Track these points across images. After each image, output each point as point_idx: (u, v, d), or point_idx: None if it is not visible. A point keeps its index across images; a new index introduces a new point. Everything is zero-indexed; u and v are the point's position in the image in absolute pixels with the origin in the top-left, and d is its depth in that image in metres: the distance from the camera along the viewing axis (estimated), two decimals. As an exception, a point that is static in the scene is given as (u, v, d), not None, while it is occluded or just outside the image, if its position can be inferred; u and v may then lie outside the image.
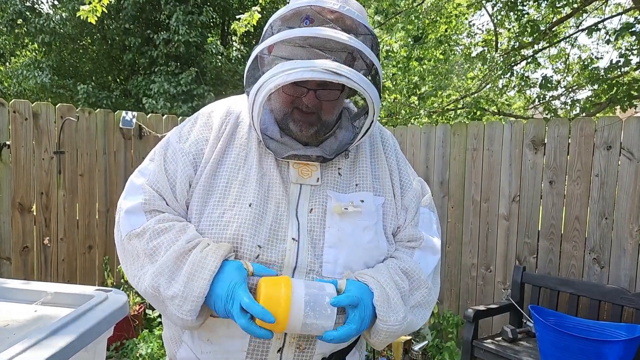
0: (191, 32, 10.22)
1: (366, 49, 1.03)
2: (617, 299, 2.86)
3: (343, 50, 1.03)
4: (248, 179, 1.10)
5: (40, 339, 0.83)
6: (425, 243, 1.18)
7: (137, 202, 1.09)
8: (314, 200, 1.11)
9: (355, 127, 1.14)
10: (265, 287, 0.95)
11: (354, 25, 1.05)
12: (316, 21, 1.03)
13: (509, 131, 3.51)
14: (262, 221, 1.06)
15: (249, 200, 1.07)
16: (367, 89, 1.01)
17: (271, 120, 1.12)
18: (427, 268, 1.16)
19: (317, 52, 1.01)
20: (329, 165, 1.15)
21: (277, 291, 0.94)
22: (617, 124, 2.99)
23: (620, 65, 6.14)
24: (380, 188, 1.18)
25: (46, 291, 1.06)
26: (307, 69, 0.96)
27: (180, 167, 1.12)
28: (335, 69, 0.96)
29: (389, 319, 1.03)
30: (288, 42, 1.02)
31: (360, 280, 1.06)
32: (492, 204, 3.61)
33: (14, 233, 3.39)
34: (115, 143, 4.03)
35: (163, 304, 1.01)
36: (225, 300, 0.96)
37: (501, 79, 8.15)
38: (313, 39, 1.00)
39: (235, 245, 1.05)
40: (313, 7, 1.03)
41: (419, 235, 1.18)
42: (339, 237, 1.09)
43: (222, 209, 1.07)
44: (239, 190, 1.09)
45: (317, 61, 0.97)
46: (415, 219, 1.19)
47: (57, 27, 10.77)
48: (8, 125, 3.35)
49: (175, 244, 1.02)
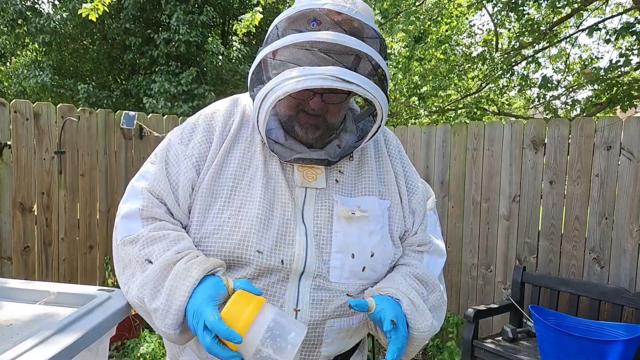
0: (192, 31, 10.22)
1: (375, 54, 1.01)
2: (617, 299, 2.87)
3: (351, 54, 1.01)
4: (253, 182, 1.08)
5: (45, 338, 0.83)
6: (434, 247, 1.19)
7: (135, 207, 1.06)
8: (319, 204, 1.09)
9: (360, 129, 1.12)
10: (232, 302, 0.89)
11: (361, 28, 1.03)
12: (324, 23, 1.01)
13: (509, 131, 3.51)
14: (269, 226, 1.05)
15: (256, 204, 1.05)
16: (376, 95, 1.00)
17: (276, 123, 1.11)
18: (436, 271, 1.18)
19: (324, 57, 0.98)
20: (333, 169, 1.13)
21: (242, 307, 0.88)
22: (617, 124, 3.00)
23: (621, 65, 6.14)
24: (385, 191, 1.16)
25: (49, 291, 1.07)
26: (316, 77, 0.94)
27: (182, 170, 1.09)
28: (344, 76, 0.95)
29: (420, 326, 1.03)
30: (295, 46, 1.00)
31: (384, 294, 1.04)
32: (493, 204, 3.62)
33: (15, 233, 3.39)
34: (116, 143, 4.04)
35: (149, 315, 0.98)
36: (191, 316, 0.90)
37: (502, 79, 8.16)
38: (321, 43, 0.98)
39: (241, 251, 1.02)
40: (321, 9, 1.01)
41: (428, 240, 1.18)
42: (345, 242, 1.07)
43: (228, 213, 1.05)
44: (244, 194, 1.07)
45: (327, 69, 0.95)
46: (424, 223, 1.20)
47: (57, 26, 10.77)
48: (9, 125, 3.35)
49: (165, 254, 0.98)
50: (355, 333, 1.14)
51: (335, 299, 1.06)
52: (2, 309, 1.03)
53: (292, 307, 1.03)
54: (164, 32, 10.47)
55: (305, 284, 1.04)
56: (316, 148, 1.10)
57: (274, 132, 1.09)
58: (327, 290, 1.05)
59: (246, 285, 0.93)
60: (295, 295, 1.04)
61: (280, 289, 1.04)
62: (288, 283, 1.04)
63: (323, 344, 1.07)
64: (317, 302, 1.04)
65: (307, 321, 1.04)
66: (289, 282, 1.04)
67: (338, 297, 1.06)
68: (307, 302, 1.04)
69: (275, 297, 1.03)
